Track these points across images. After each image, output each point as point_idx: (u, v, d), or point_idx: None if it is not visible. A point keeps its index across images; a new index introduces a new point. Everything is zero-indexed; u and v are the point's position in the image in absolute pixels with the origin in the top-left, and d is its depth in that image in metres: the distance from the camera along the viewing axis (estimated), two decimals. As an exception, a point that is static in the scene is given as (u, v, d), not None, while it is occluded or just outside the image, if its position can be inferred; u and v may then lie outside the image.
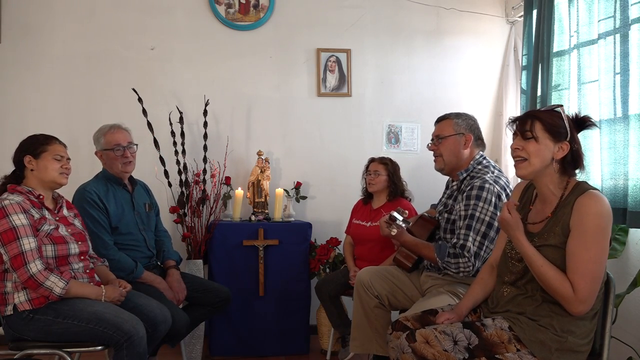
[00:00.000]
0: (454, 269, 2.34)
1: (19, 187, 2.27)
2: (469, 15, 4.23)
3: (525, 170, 1.85)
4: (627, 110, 2.65)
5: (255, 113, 4.10)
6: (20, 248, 2.12)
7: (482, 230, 2.31)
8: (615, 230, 2.75)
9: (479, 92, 4.27)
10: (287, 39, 4.12)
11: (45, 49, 3.88)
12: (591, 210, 1.74)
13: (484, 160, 2.52)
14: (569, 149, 1.81)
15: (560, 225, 1.80)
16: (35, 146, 2.32)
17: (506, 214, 1.84)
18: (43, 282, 2.13)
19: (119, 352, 2.18)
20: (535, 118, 1.84)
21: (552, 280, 1.75)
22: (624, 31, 2.67)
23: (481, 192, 2.33)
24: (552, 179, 1.85)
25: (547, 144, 1.81)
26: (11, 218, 2.14)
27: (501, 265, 2.00)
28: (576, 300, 1.72)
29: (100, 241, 2.69)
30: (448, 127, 2.54)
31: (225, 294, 3.00)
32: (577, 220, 1.75)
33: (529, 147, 1.83)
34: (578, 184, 1.85)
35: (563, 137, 1.81)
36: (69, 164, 2.39)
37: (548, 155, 1.81)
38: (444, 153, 2.52)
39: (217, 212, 3.80)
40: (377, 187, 3.37)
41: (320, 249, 3.63)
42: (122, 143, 2.84)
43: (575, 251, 1.74)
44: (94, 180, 2.88)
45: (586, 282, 1.71)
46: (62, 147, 2.38)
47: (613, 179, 2.73)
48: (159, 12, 4.00)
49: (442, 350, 1.82)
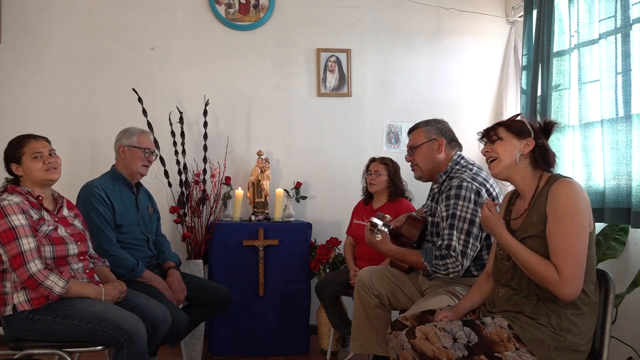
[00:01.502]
0: (443, 271, 2.33)
1: (18, 188, 2.28)
2: (469, 15, 4.23)
3: (497, 167, 1.97)
4: (629, 110, 2.65)
5: (255, 113, 4.10)
6: (20, 248, 2.12)
7: (465, 228, 2.32)
8: (615, 230, 2.75)
9: (479, 92, 4.27)
10: (287, 39, 4.12)
11: (45, 49, 3.88)
12: (563, 193, 1.81)
13: (461, 160, 2.54)
14: (534, 144, 1.93)
15: (537, 214, 1.86)
16: (14, 152, 2.29)
17: (487, 212, 1.94)
18: (43, 282, 2.13)
19: (119, 351, 2.17)
20: (497, 125, 2.01)
21: (536, 266, 1.79)
22: (625, 31, 2.67)
23: (460, 191, 2.35)
24: (525, 174, 1.95)
25: (512, 141, 1.95)
26: (10, 218, 2.14)
27: (494, 269, 2.04)
28: (562, 282, 1.75)
29: (104, 236, 2.70)
30: (419, 136, 2.59)
31: (226, 294, 3.00)
32: (552, 206, 1.82)
33: (496, 147, 1.97)
34: (551, 176, 1.94)
35: (526, 134, 1.94)
36: (54, 156, 2.31)
37: (515, 151, 1.94)
38: (419, 161, 2.57)
39: (217, 212, 3.80)
40: (377, 188, 3.37)
41: (320, 249, 3.63)
42: (151, 148, 2.97)
43: (553, 235, 1.80)
44: (102, 178, 2.91)
45: (568, 263, 1.75)
46: (40, 142, 2.31)
47: (616, 179, 2.72)
48: (158, 12, 4.00)
49: (441, 347, 1.83)
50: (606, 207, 2.77)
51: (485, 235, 2.37)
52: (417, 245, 2.55)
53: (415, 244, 2.54)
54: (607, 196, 2.77)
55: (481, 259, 2.40)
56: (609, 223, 2.77)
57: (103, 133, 3.87)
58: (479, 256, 2.40)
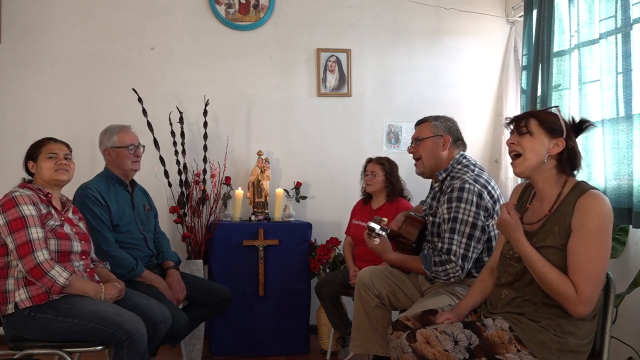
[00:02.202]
0: (444, 276, 2.33)
1: (30, 185, 2.35)
2: (469, 15, 4.23)
3: (521, 166, 1.85)
4: (630, 110, 2.65)
5: (255, 113, 4.10)
6: (28, 236, 2.16)
7: (466, 232, 2.31)
8: (616, 230, 2.75)
9: (479, 92, 4.27)
10: (287, 39, 4.12)
11: (45, 49, 3.88)
12: (593, 210, 1.72)
13: (463, 159, 2.52)
14: (564, 145, 1.80)
15: (559, 225, 1.79)
16: (33, 150, 2.39)
17: (505, 214, 1.83)
18: (48, 271, 2.15)
19: (120, 350, 2.18)
20: (531, 115, 1.86)
21: (554, 281, 1.73)
22: (625, 31, 2.67)
23: (462, 194, 2.33)
24: (549, 176, 1.85)
25: (542, 139, 1.82)
26: (21, 207, 2.19)
27: (499, 266, 2.00)
28: (579, 301, 1.70)
29: (102, 237, 2.70)
30: (426, 130, 2.56)
31: (226, 294, 2.99)
32: (579, 221, 1.73)
33: (524, 141, 1.84)
34: (578, 183, 1.83)
35: (558, 133, 1.81)
36: (69, 160, 2.41)
37: (543, 151, 1.81)
38: (423, 155, 2.55)
39: (217, 212, 3.80)
40: (374, 188, 3.38)
41: (320, 249, 3.63)
42: (134, 142, 2.93)
43: (577, 252, 1.72)
44: (96, 179, 2.90)
45: (589, 283, 1.70)
46: (58, 145, 2.41)
47: (617, 179, 2.72)
48: (159, 12, 3.99)
49: (442, 350, 1.82)
50: (607, 207, 2.77)
51: (486, 238, 2.36)
52: (416, 245, 2.54)
53: (415, 244, 2.54)
54: (608, 196, 2.76)
55: (481, 261, 2.38)
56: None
57: (103, 133, 3.89)
58: (479, 258, 2.39)
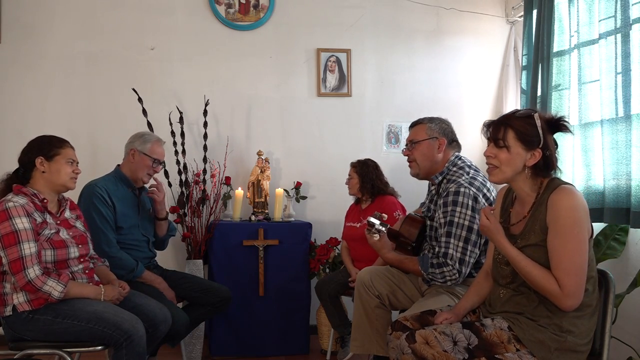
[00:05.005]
0: (440, 279, 2.33)
1: (24, 189, 2.25)
2: (469, 15, 4.23)
3: (496, 177, 1.90)
4: (629, 110, 2.65)
5: (255, 113, 4.10)
6: (20, 252, 2.11)
7: (462, 235, 2.31)
8: (615, 230, 2.75)
9: (479, 92, 4.28)
10: (287, 39, 4.12)
11: (45, 49, 3.88)
12: (564, 204, 1.77)
13: (459, 161, 2.52)
14: (541, 155, 1.84)
15: (538, 223, 1.83)
16: (49, 148, 2.31)
17: (485, 220, 1.88)
18: (41, 287, 2.13)
19: (119, 351, 2.18)
20: (508, 126, 1.86)
21: (538, 278, 1.77)
22: (625, 31, 2.67)
23: (457, 197, 2.33)
24: (525, 182, 1.89)
25: (519, 152, 1.84)
26: (14, 221, 2.13)
27: (493, 269, 2.03)
28: (564, 295, 1.74)
29: (104, 237, 2.70)
30: (421, 132, 2.55)
31: (226, 294, 3.00)
32: (552, 217, 1.78)
33: (501, 155, 1.86)
34: (551, 180, 1.88)
35: (535, 144, 1.83)
36: (79, 167, 2.39)
37: (519, 164, 1.85)
38: (418, 157, 2.54)
39: (217, 212, 3.80)
40: (352, 190, 3.47)
41: (320, 249, 3.63)
42: (160, 158, 2.95)
43: (554, 248, 1.77)
44: (104, 178, 2.90)
45: (569, 277, 1.73)
46: (73, 151, 2.38)
47: (615, 179, 2.72)
48: (158, 12, 4.00)
49: (441, 350, 1.82)
50: (606, 207, 2.77)
51: (484, 240, 2.36)
52: (416, 244, 2.55)
53: (415, 243, 2.54)
54: (606, 196, 2.77)
55: (480, 263, 2.38)
56: (609, 223, 2.77)
57: (103, 133, 3.89)
58: (479, 260, 2.38)
